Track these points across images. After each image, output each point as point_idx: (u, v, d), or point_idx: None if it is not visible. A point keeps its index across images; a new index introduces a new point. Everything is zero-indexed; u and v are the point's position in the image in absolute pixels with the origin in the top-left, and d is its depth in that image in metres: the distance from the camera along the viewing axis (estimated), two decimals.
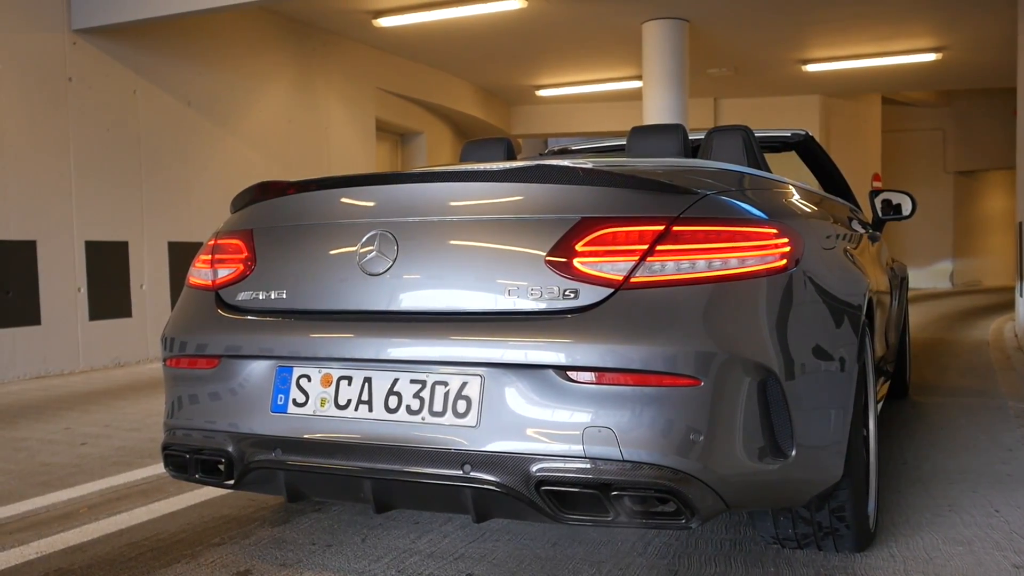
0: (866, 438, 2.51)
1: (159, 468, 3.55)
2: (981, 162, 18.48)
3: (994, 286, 18.43)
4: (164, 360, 2.42)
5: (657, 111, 9.55)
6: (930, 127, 18.54)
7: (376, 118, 10.73)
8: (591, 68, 11.98)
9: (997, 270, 19.17)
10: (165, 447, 2.34)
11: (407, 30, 9.65)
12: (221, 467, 2.21)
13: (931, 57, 11.09)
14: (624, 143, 3.89)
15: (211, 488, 3.20)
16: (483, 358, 1.94)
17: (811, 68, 11.75)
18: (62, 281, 6.71)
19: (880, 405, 3.15)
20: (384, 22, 9.16)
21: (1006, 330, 8.84)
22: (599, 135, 19.33)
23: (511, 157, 3.35)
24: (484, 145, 3.42)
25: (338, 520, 2.79)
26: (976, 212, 19.50)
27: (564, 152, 4.35)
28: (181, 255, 7.76)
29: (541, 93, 13.54)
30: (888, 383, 3.88)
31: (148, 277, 7.46)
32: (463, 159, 3.50)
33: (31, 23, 6.51)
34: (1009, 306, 11.84)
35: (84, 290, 6.88)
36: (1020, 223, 7.72)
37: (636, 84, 12.02)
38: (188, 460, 2.27)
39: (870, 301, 2.57)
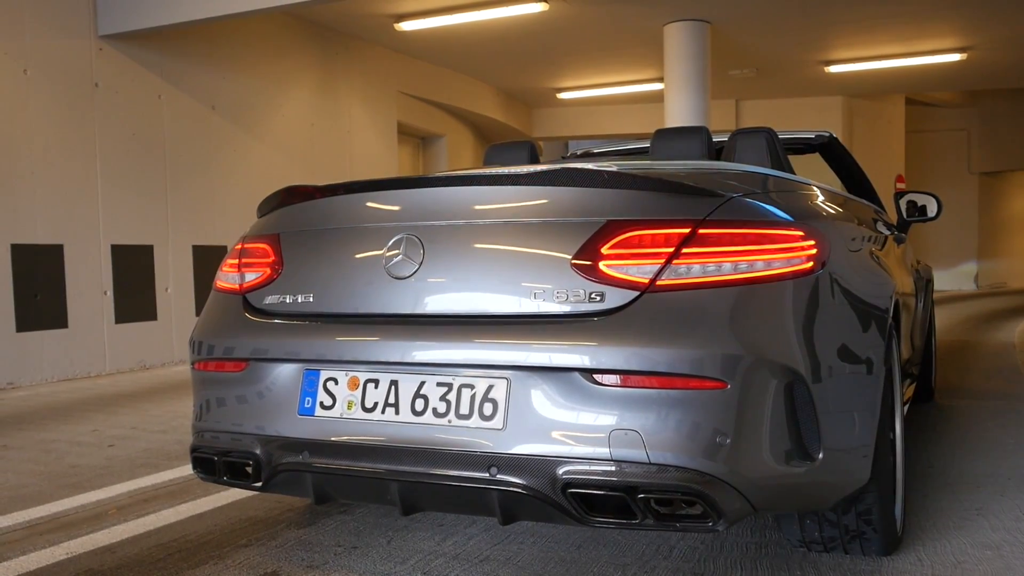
0: (892, 441, 2.48)
1: (186, 470, 3.59)
2: (1006, 163, 18.28)
3: (1020, 287, 18.22)
4: (192, 363, 2.43)
5: (679, 113, 9.53)
6: (955, 127, 18.37)
7: (398, 121, 10.78)
8: (612, 70, 11.96)
9: (1023, 272, 18.96)
10: (193, 449, 2.35)
11: (428, 34, 9.69)
12: (249, 469, 2.22)
13: (956, 57, 10.99)
14: (647, 145, 3.95)
15: (238, 490, 3.23)
16: (509, 361, 1.93)
17: (834, 69, 11.68)
18: (88, 284, 6.78)
19: (906, 408, 3.13)
20: (406, 26, 9.20)
21: None
22: (620, 137, 19.30)
23: (534, 160, 3.36)
24: (508, 148, 3.44)
25: (364, 522, 2.81)
26: (1001, 213, 19.29)
27: (587, 155, 4.35)
28: (206, 259, 7.83)
29: (562, 96, 13.54)
30: (913, 385, 3.85)
31: (173, 280, 7.53)
32: (487, 162, 3.51)
33: (58, 30, 6.59)
34: None
35: (110, 293, 6.95)
36: None
37: (658, 86, 12.00)
38: (216, 462, 2.28)
39: (896, 303, 2.55)
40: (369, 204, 2.27)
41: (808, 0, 8.75)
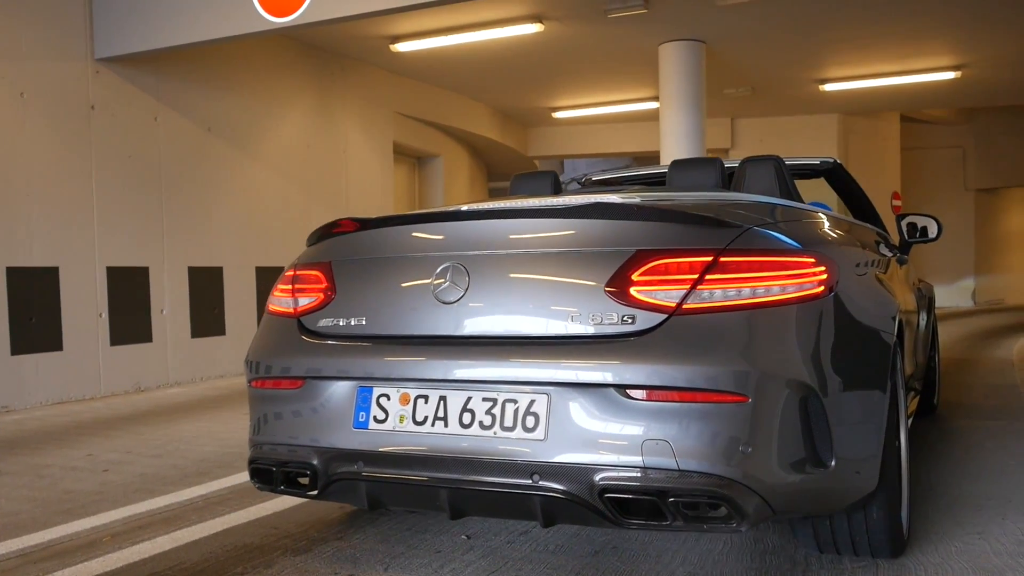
0: (898, 450, 2.64)
1: (181, 496, 3.56)
2: (1002, 179, 18.33)
3: (1017, 304, 18.23)
4: (249, 381, 2.59)
5: (674, 132, 9.56)
6: (950, 145, 18.42)
7: (394, 141, 10.79)
8: (608, 90, 12.00)
9: (1020, 288, 18.98)
10: (252, 461, 2.50)
11: (424, 55, 9.72)
12: (305, 479, 2.40)
13: (951, 75, 11.04)
14: (657, 169, 4.28)
15: (233, 516, 3.20)
16: (550, 378, 2.10)
17: (829, 87, 11.73)
18: (84, 307, 6.76)
19: (910, 420, 3.30)
20: (401, 47, 9.23)
21: None
22: (616, 156, 19.35)
23: (557, 189, 3.56)
24: (532, 178, 3.63)
25: (360, 549, 2.78)
26: (998, 230, 19.32)
27: (604, 183, 4.53)
28: (201, 280, 7.81)
29: (558, 115, 13.58)
30: (917, 399, 4.02)
31: (169, 302, 7.51)
32: (513, 192, 3.70)
33: (55, 53, 6.60)
34: None
35: (105, 315, 6.92)
36: None
37: (653, 105, 12.03)
38: (274, 473, 2.44)
39: (900, 323, 2.73)
40: (416, 235, 2.47)
41: (802, 19, 8.80)
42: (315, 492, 2.37)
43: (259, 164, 8.55)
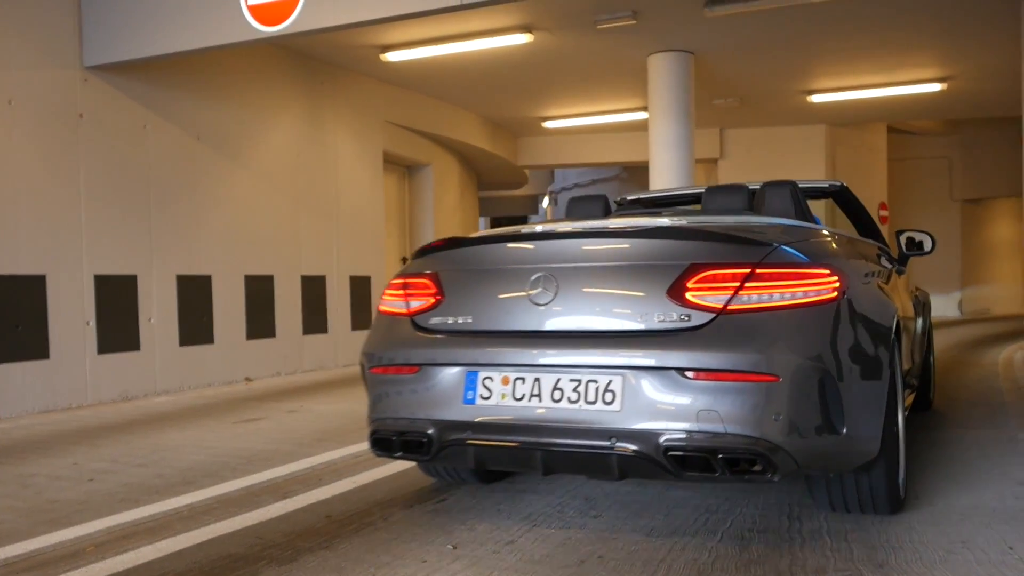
0: (896, 428, 3.15)
1: (166, 505, 3.54)
2: (988, 190, 18.46)
3: (1003, 314, 18.33)
4: (369, 368, 3.14)
5: (663, 142, 9.60)
6: (936, 155, 18.55)
7: (384, 150, 10.80)
8: (597, 100, 12.05)
9: (1006, 298, 19.10)
10: (373, 432, 3.06)
11: (414, 64, 9.74)
12: (422, 446, 2.93)
13: (936, 87, 11.13)
14: (683, 191, 5.05)
15: (218, 526, 3.19)
16: (624, 363, 2.67)
17: (816, 98, 11.80)
18: (71, 315, 6.73)
19: (907, 411, 3.78)
20: (392, 56, 9.24)
21: (1016, 359, 8.78)
22: (606, 166, 19.41)
23: (608, 211, 4.06)
24: (585, 201, 4.15)
25: (346, 558, 2.78)
26: (984, 240, 19.45)
27: (638, 202, 5.16)
28: (190, 288, 7.79)
29: (548, 124, 13.62)
30: (913, 394, 4.53)
31: (157, 310, 7.48)
32: (568, 213, 4.19)
33: (44, 60, 6.59)
34: (1019, 334, 11.78)
35: (93, 324, 6.90)
36: None
37: (642, 115, 12.08)
38: (393, 440, 3.00)
39: (898, 324, 3.25)
40: (512, 251, 3.06)
41: (790, 31, 8.86)
42: (428, 457, 2.93)
43: (248, 173, 8.55)
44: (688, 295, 2.68)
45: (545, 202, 26.14)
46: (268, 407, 6.49)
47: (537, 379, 2.78)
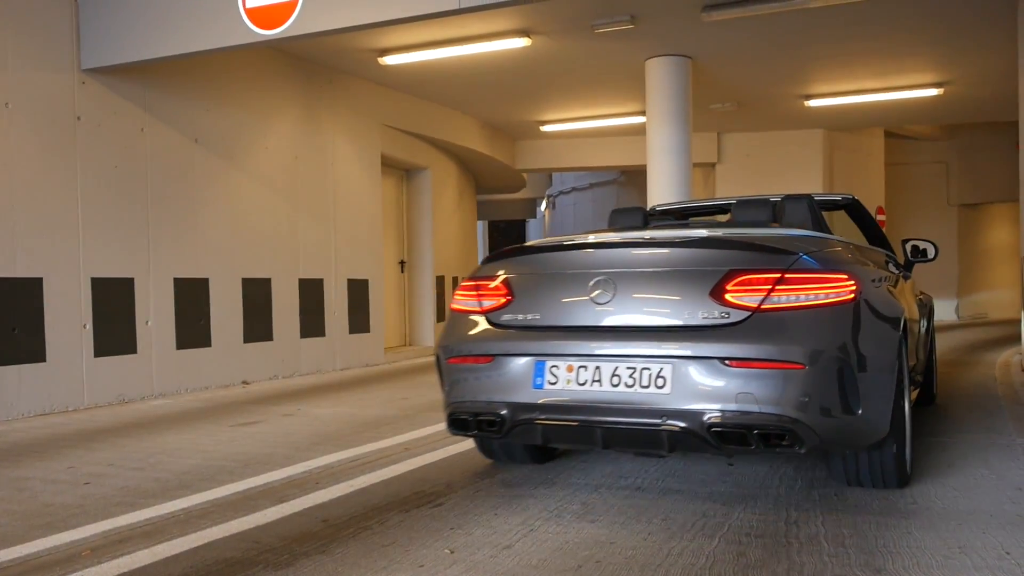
0: (903, 412, 3.56)
1: (163, 509, 3.54)
2: (984, 195, 18.49)
3: (1000, 319, 18.35)
4: (445, 359, 3.62)
5: (661, 146, 9.60)
6: (933, 160, 18.58)
7: (382, 154, 10.80)
8: (595, 104, 12.06)
9: (1003, 303, 19.11)
10: (451, 414, 3.54)
11: (412, 68, 9.74)
12: (495, 424, 3.41)
13: (933, 92, 11.14)
14: (710, 202, 5.57)
15: (214, 530, 3.19)
16: (674, 353, 3.14)
17: (813, 103, 11.82)
18: (68, 318, 6.72)
19: (912, 404, 4.32)
20: (390, 60, 9.25)
21: (1013, 364, 8.79)
22: (603, 169, 19.43)
23: (646, 222, 4.54)
24: (626, 212, 4.64)
25: (342, 563, 2.77)
26: (980, 244, 19.48)
27: (669, 212, 5.63)
28: (187, 291, 7.78)
29: (545, 128, 13.62)
30: (918, 390, 5.02)
31: (154, 313, 7.47)
32: (611, 224, 4.66)
33: (41, 63, 6.59)
34: (1015, 339, 11.79)
35: (89, 327, 6.88)
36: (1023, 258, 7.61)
37: (640, 119, 12.10)
38: (469, 420, 3.48)
39: (904, 323, 3.68)
40: (574, 257, 3.53)
41: (787, 36, 8.88)
42: (501, 435, 3.42)
43: (246, 176, 8.54)
44: (727, 296, 3.15)
45: (543, 205, 26.16)
46: (265, 410, 6.48)
47: (598, 367, 3.25)
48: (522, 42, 8.62)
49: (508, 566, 2.71)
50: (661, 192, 9.52)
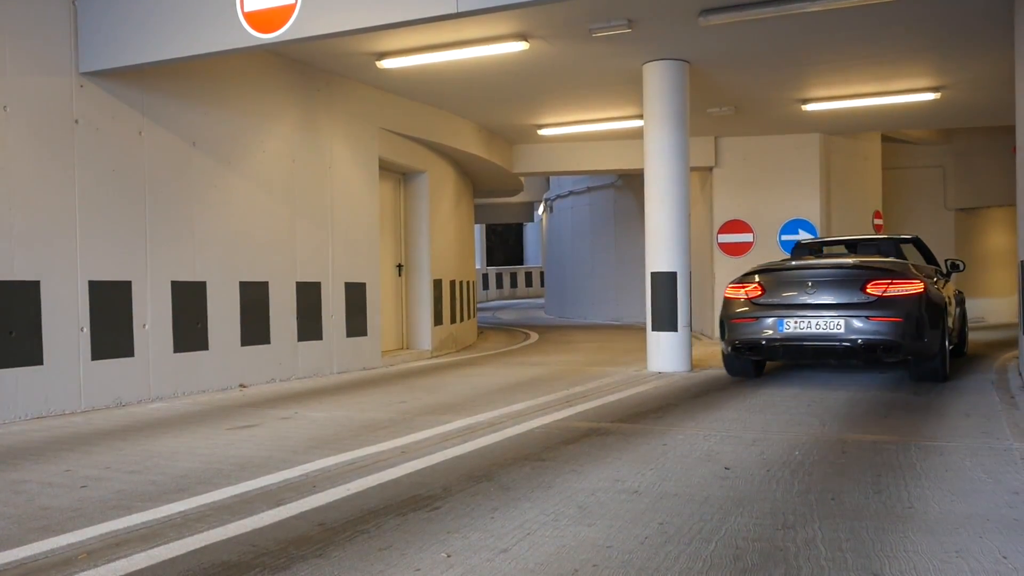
0: (945, 348, 7.62)
1: (159, 512, 3.53)
2: (981, 199, 18.51)
3: (997, 323, 18.38)
4: (729, 320, 7.86)
5: (658, 150, 9.61)
6: (930, 164, 18.60)
7: (379, 157, 10.80)
8: (592, 108, 12.07)
9: (1000, 307, 19.13)
10: (732, 346, 7.84)
11: (410, 71, 9.75)
12: (756, 348, 7.66)
13: (930, 97, 11.16)
14: (845, 239, 9.91)
15: (211, 533, 3.18)
16: (844, 314, 7.29)
17: (811, 107, 11.83)
18: (65, 321, 6.71)
19: (950, 349, 8.42)
20: (387, 64, 9.25)
21: (1010, 369, 8.81)
22: (601, 173, 19.42)
23: (819, 250, 9.66)
24: (806, 246, 9.70)
25: (339, 566, 2.77)
26: (977, 248, 19.50)
27: (818, 243, 10.06)
28: (184, 294, 7.77)
29: (543, 132, 13.63)
30: (953, 345, 8.55)
31: (151, 317, 7.47)
32: (796, 254, 9.55)
33: (40, 67, 6.59)
34: (1012, 344, 11.81)
35: (87, 330, 6.88)
36: (1021, 262, 7.74)
37: (637, 123, 12.11)
38: (742, 348, 7.74)
39: (945, 305, 7.73)
40: (797, 271, 7.69)
41: (784, 41, 8.89)
42: (761, 355, 7.80)
43: (244, 179, 8.54)
44: (867, 289, 7.27)
45: (540, 209, 26.13)
46: (262, 414, 6.48)
47: (808, 320, 7.36)
48: (520, 46, 8.63)
49: (505, 570, 2.71)
50: (659, 195, 9.53)
